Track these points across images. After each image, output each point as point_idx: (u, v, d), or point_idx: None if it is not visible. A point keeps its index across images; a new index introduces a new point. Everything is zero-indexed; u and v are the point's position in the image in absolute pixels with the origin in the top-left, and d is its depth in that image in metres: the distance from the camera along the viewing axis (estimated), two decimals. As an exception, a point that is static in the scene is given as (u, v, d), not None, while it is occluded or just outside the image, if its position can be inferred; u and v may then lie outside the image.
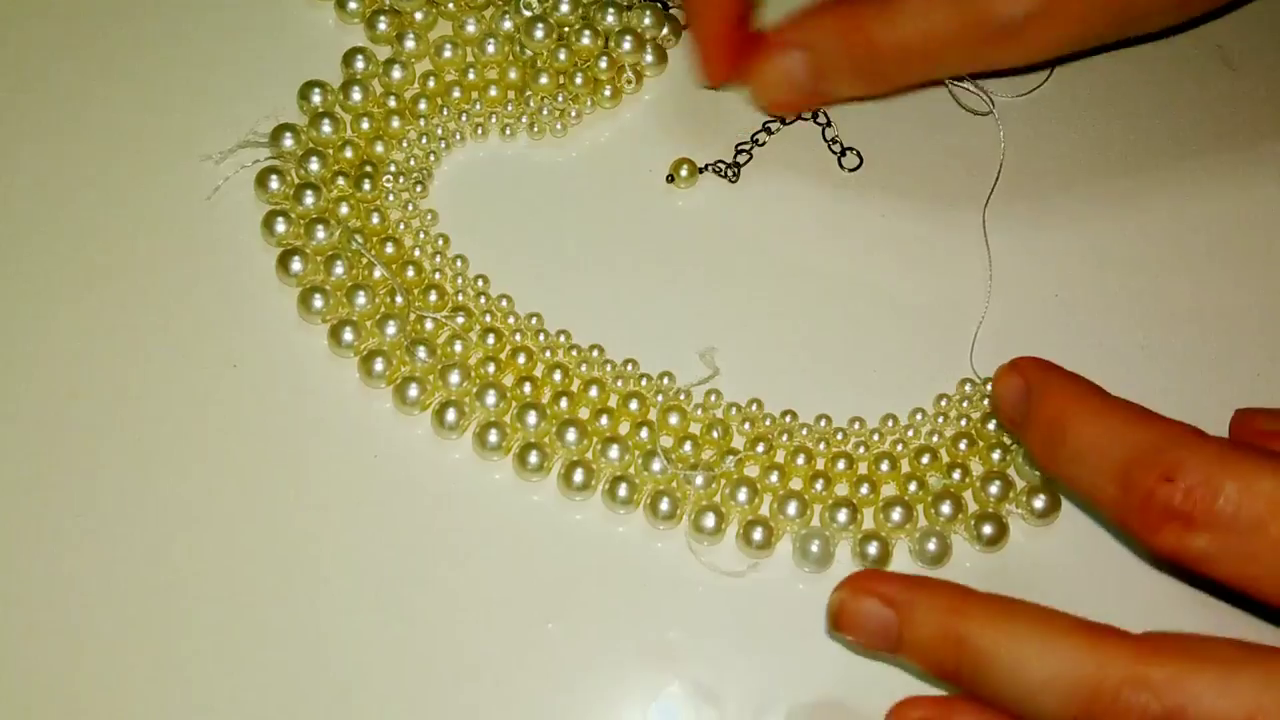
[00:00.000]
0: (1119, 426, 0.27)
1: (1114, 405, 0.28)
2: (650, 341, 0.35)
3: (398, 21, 0.37)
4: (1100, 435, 0.27)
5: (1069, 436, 0.27)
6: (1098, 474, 0.27)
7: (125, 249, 0.35)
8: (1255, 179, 0.37)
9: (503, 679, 0.31)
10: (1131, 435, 0.26)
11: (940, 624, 0.27)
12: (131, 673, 0.31)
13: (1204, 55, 0.38)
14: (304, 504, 0.33)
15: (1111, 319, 0.35)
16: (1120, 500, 0.26)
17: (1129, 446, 0.26)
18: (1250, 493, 0.25)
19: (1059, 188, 0.37)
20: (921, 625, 0.27)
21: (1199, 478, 0.25)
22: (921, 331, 0.35)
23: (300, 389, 0.34)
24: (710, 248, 0.36)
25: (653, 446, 0.33)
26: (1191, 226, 0.36)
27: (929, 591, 0.28)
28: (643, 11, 0.37)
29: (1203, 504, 0.25)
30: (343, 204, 0.35)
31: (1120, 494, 0.26)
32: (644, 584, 0.32)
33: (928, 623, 0.27)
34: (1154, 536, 0.26)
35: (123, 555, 0.32)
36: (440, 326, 0.34)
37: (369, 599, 0.32)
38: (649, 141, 0.37)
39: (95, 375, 0.34)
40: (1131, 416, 0.27)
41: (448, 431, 0.33)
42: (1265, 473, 0.25)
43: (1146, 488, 0.26)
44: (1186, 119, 0.38)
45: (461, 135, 0.37)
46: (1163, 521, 0.26)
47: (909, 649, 0.28)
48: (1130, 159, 0.37)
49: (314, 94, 0.36)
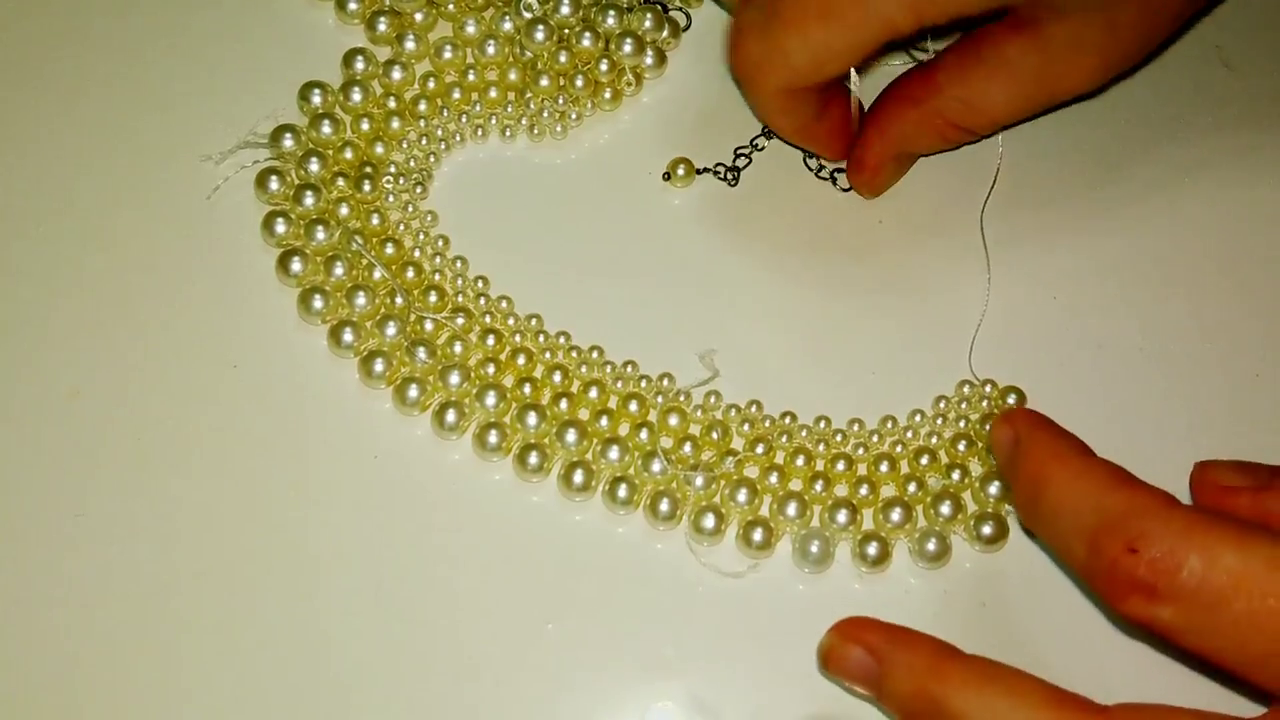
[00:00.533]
0: (1093, 490, 0.27)
1: (1092, 467, 0.28)
2: (650, 343, 0.35)
3: (398, 22, 0.37)
4: (1074, 497, 0.27)
5: (1046, 495, 0.28)
6: (1069, 535, 0.27)
7: (125, 249, 0.35)
8: (1254, 179, 0.37)
9: (503, 679, 0.31)
10: (1103, 500, 0.27)
11: (918, 682, 0.27)
12: (132, 672, 0.31)
13: (1203, 56, 0.39)
14: (304, 504, 0.32)
15: (1110, 321, 0.35)
16: (1088, 565, 0.27)
17: (1099, 512, 0.26)
18: (1214, 567, 0.25)
19: (1058, 189, 0.37)
20: (901, 681, 0.28)
21: (1163, 549, 0.25)
22: (920, 333, 0.35)
23: (300, 389, 0.34)
24: (710, 250, 0.36)
25: (653, 447, 0.33)
26: (1190, 227, 0.36)
27: (911, 648, 0.28)
28: (643, 14, 0.37)
29: (1166, 576, 0.25)
30: (343, 205, 0.35)
31: (1088, 558, 0.27)
32: (644, 584, 0.32)
33: (907, 679, 0.28)
34: (1120, 604, 0.26)
35: (123, 555, 0.32)
36: (440, 327, 0.34)
37: (369, 599, 0.32)
38: (649, 144, 0.37)
39: (95, 375, 0.34)
40: (1106, 480, 0.27)
41: (448, 432, 0.33)
42: (1229, 546, 0.25)
43: (1112, 556, 0.26)
44: (1185, 119, 0.38)
45: (461, 137, 0.37)
46: (1128, 591, 0.26)
47: (887, 700, 0.28)
48: (1129, 160, 0.37)
49: (314, 95, 0.36)
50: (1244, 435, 0.34)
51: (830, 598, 0.32)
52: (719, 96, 0.38)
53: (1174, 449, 0.33)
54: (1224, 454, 0.33)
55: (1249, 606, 0.24)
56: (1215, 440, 0.33)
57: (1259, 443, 0.34)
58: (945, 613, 0.32)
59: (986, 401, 0.34)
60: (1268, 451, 0.32)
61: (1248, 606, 0.24)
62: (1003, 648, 0.31)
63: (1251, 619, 0.24)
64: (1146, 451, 0.33)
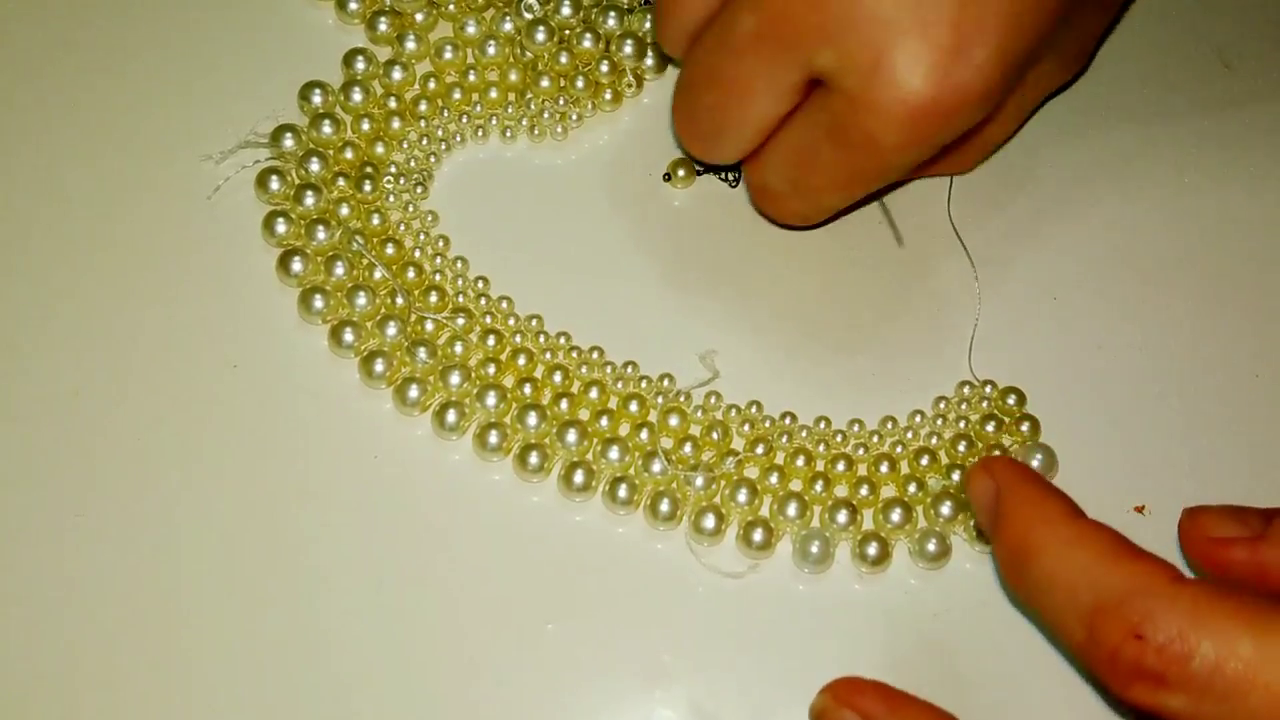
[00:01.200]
0: (1089, 563, 0.25)
1: (1085, 534, 0.26)
2: (650, 343, 0.35)
3: (398, 22, 0.37)
4: (1068, 570, 0.25)
5: (1035, 566, 0.26)
6: (1064, 613, 0.25)
7: (125, 249, 0.35)
8: (1254, 179, 0.37)
9: (503, 679, 0.31)
10: (1101, 576, 0.25)
11: None
12: (131, 672, 0.31)
13: (1203, 55, 0.39)
14: (304, 504, 0.32)
15: (1109, 320, 0.35)
16: (1087, 648, 0.25)
17: (1097, 589, 0.25)
18: (1229, 654, 0.23)
19: (1057, 188, 0.37)
20: None
21: (1171, 634, 0.24)
22: (920, 333, 0.35)
23: (300, 389, 0.34)
24: (710, 250, 0.36)
25: (653, 448, 0.33)
26: (1191, 227, 0.36)
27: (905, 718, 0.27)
28: (644, 15, 0.37)
29: (1176, 664, 0.23)
30: (343, 205, 0.35)
31: (1087, 642, 0.25)
32: (644, 585, 0.32)
33: None
34: (1125, 691, 0.25)
35: (123, 555, 0.32)
36: (441, 327, 0.34)
37: (369, 599, 0.32)
38: (649, 145, 0.37)
39: (95, 375, 0.33)
40: (1103, 551, 0.25)
41: (448, 432, 0.33)
42: (1243, 632, 0.23)
43: (1115, 642, 0.24)
44: (1186, 119, 0.38)
45: (462, 137, 0.37)
46: (1133, 678, 0.24)
47: None
48: (1129, 159, 0.37)
49: (314, 95, 0.36)
50: (1244, 435, 0.34)
51: (830, 598, 0.32)
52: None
53: (1174, 449, 0.33)
54: (1224, 454, 0.33)
55: (1267, 698, 0.23)
56: (1215, 440, 0.33)
57: (1259, 443, 0.34)
58: (945, 613, 0.32)
59: (986, 402, 0.34)
60: (1268, 451, 0.32)
61: (1266, 698, 0.23)
62: (1003, 647, 0.31)
63: (1270, 711, 0.23)
64: (1146, 452, 0.33)
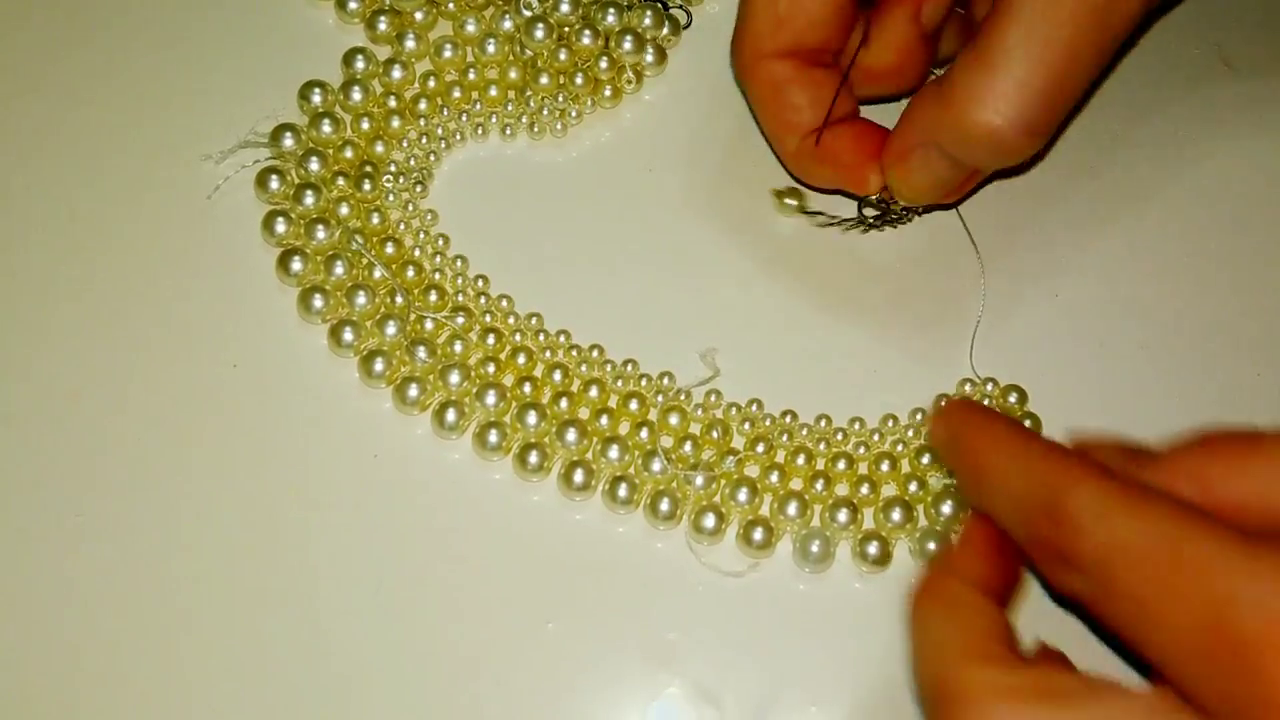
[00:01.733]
0: (1022, 466, 0.26)
1: (1026, 447, 0.27)
2: (650, 342, 0.35)
3: (398, 21, 0.37)
4: (1011, 480, 0.27)
5: (986, 484, 0.27)
6: (1007, 515, 0.27)
7: (125, 248, 0.35)
8: (1255, 178, 0.37)
9: (503, 678, 0.31)
10: (1033, 478, 0.26)
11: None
12: (131, 672, 0.31)
13: (1204, 55, 0.38)
14: (304, 504, 0.32)
15: (1112, 318, 0.35)
16: (1023, 539, 0.26)
17: (1031, 491, 0.26)
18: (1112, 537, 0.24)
19: (1058, 187, 0.37)
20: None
21: (1075, 520, 0.25)
22: (921, 331, 0.35)
23: (300, 389, 0.34)
24: (710, 248, 0.36)
25: (653, 447, 0.33)
26: (1191, 225, 0.36)
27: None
28: (643, 11, 0.37)
29: (1072, 546, 0.25)
30: (343, 204, 0.35)
31: (1023, 533, 0.26)
32: (644, 584, 0.32)
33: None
34: (1048, 574, 0.26)
35: (123, 555, 0.32)
36: (440, 326, 0.34)
37: (369, 599, 0.32)
38: (649, 142, 0.37)
39: (95, 375, 0.34)
40: (1038, 457, 0.26)
41: (448, 431, 0.33)
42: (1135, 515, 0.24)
43: (1035, 528, 0.26)
44: (1186, 117, 0.38)
45: (462, 135, 0.37)
46: (1050, 560, 0.25)
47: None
48: (1130, 158, 0.37)
49: (314, 94, 0.36)
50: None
51: (831, 598, 0.32)
52: (720, 94, 0.37)
53: (1176, 448, 0.33)
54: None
55: (1140, 577, 0.24)
56: (1218, 439, 0.33)
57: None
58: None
59: (988, 399, 0.34)
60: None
61: (1139, 577, 0.24)
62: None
63: (1143, 590, 0.24)
64: (1148, 450, 0.33)
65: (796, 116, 0.34)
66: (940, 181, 0.33)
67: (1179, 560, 0.23)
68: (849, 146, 0.34)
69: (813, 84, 0.33)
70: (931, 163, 0.32)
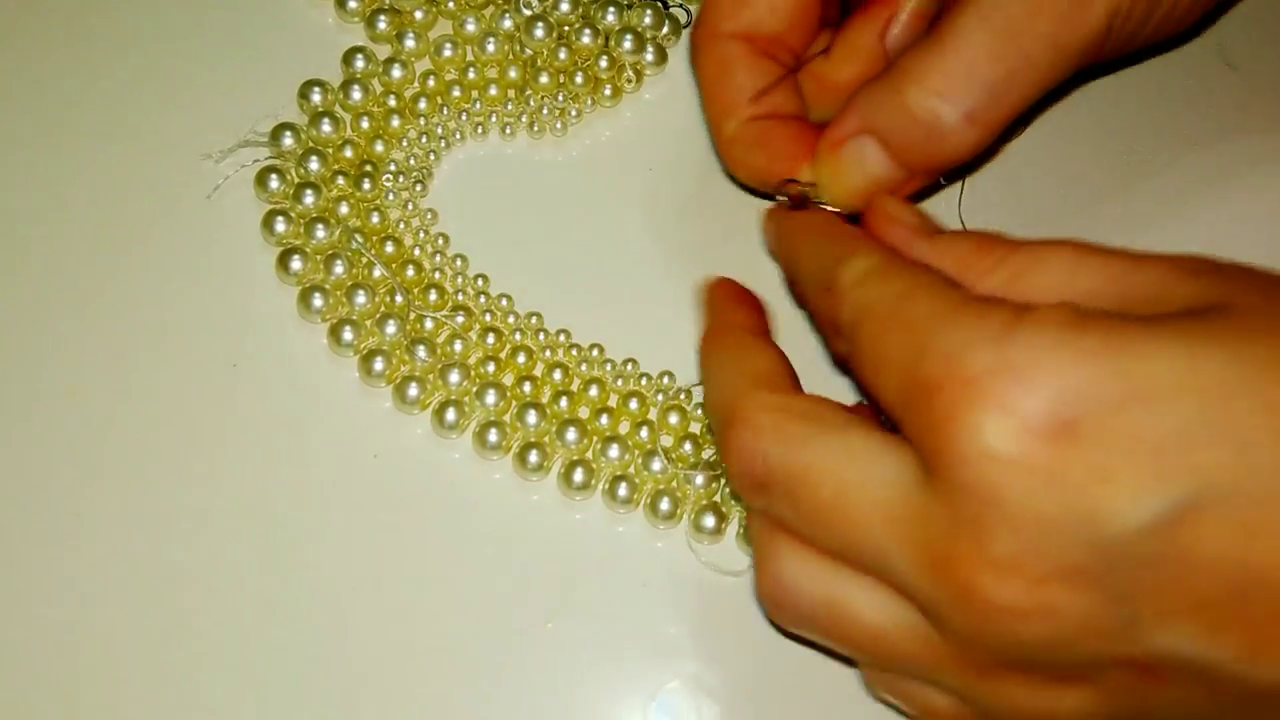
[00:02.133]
0: (816, 248, 0.29)
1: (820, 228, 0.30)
2: (650, 340, 0.35)
3: (398, 20, 0.37)
4: (807, 260, 0.30)
5: (792, 264, 0.31)
6: (807, 296, 0.29)
7: (125, 248, 0.35)
8: (1255, 178, 0.37)
9: (503, 678, 0.31)
10: (819, 254, 0.29)
11: None
12: (131, 672, 0.31)
13: (1204, 54, 0.38)
14: (304, 503, 0.32)
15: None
16: (813, 313, 0.29)
17: (819, 264, 0.28)
18: (862, 301, 0.26)
19: (1058, 187, 0.37)
20: None
21: (839, 288, 0.27)
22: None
23: (300, 389, 0.34)
24: (711, 247, 0.36)
25: (653, 446, 0.33)
26: (1191, 225, 0.36)
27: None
28: (643, 10, 0.37)
29: (836, 311, 0.27)
30: (343, 203, 0.35)
31: (813, 307, 0.29)
32: (644, 584, 0.32)
33: None
34: (827, 343, 0.29)
35: (123, 555, 0.32)
36: (440, 326, 0.34)
37: (368, 598, 0.32)
38: (649, 140, 0.37)
39: (95, 374, 0.34)
40: (826, 237, 0.29)
41: (448, 431, 0.33)
42: (884, 281, 0.26)
43: (818, 300, 0.28)
44: (1187, 117, 0.37)
45: (461, 134, 0.37)
46: (825, 329, 0.28)
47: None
48: (1129, 158, 0.37)
49: (314, 93, 0.36)
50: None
51: (831, 596, 0.32)
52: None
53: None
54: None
55: (871, 333, 0.26)
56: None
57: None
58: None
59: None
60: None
61: (870, 334, 0.26)
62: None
63: (872, 345, 0.26)
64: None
65: (739, 97, 0.33)
66: (871, 180, 0.31)
67: (899, 316, 0.25)
68: (787, 136, 0.33)
69: (761, 70, 0.33)
70: (867, 157, 0.31)
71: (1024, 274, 0.26)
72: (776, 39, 0.33)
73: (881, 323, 0.25)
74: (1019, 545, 0.23)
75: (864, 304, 0.26)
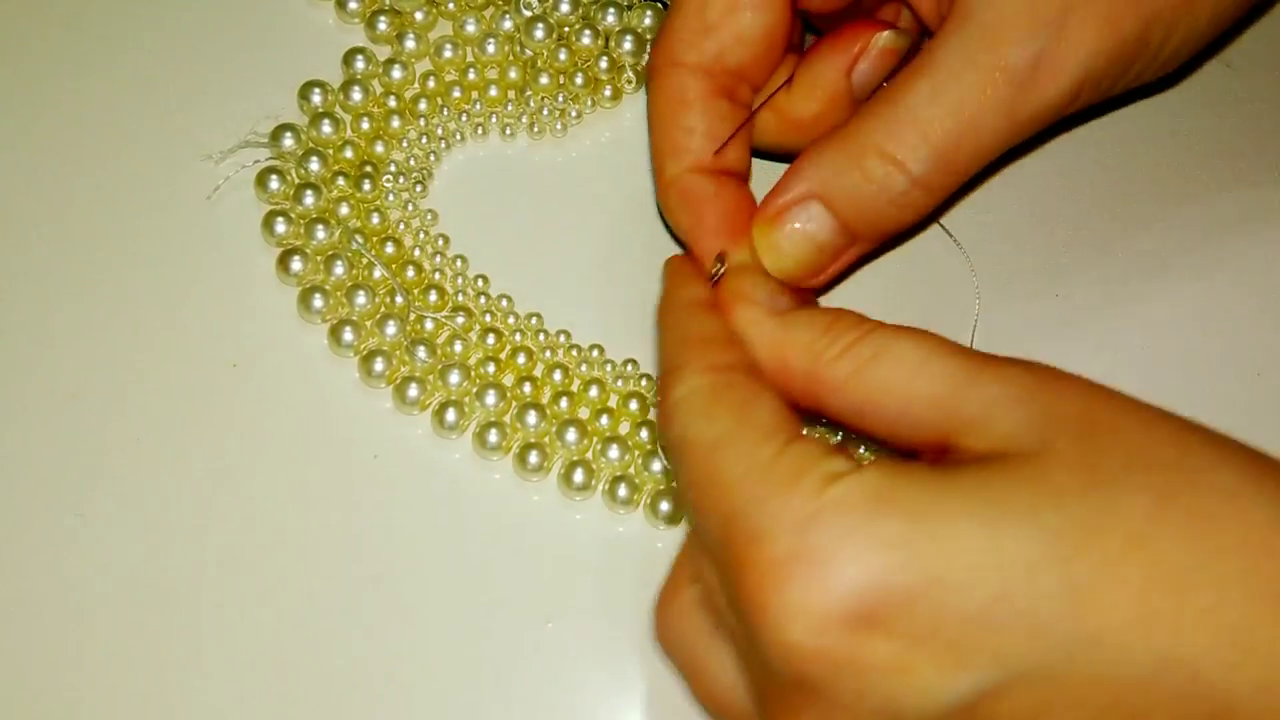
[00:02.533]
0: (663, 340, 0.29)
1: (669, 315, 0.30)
2: (651, 341, 0.35)
3: (398, 21, 0.37)
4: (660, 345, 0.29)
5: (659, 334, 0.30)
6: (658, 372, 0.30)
7: (126, 248, 0.35)
8: (1255, 178, 0.37)
9: (503, 678, 0.31)
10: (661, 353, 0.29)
11: None
12: (131, 671, 0.31)
13: (1203, 55, 0.38)
14: (304, 503, 0.33)
15: (1112, 319, 0.35)
16: None
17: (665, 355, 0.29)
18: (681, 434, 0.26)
19: (1058, 186, 0.37)
20: None
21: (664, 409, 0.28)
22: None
23: (300, 389, 0.34)
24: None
25: (653, 446, 0.33)
26: (1192, 226, 0.36)
27: None
28: (643, 11, 0.37)
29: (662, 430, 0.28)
30: (343, 204, 0.35)
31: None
32: (644, 584, 0.32)
33: None
34: None
35: (123, 554, 0.32)
36: (440, 326, 0.34)
37: (369, 598, 0.32)
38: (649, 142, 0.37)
39: (96, 375, 0.34)
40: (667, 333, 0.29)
41: (448, 431, 0.33)
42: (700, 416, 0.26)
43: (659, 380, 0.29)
44: (1186, 117, 0.38)
45: (462, 135, 0.37)
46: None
47: None
48: (1129, 158, 0.37)
49: (314, 94, 0.36)
50: (1244, 435, 0.33)
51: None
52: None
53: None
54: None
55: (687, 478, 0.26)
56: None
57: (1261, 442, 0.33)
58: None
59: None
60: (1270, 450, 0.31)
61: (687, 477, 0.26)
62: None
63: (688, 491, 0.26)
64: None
65: (686, 140, 0.31)
66: (815, 249, 0.30)
67: (711, 467, 0.25)
68: (720, 208, 0.31)
69: (716, 114, 0.31)
70: (811, 223, 0.30)
71: (870, 365, 0.27)
72: (739, 72, 0.31)
73: (697, 469, 0.26)
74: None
75: (682, 435, 0.26)
